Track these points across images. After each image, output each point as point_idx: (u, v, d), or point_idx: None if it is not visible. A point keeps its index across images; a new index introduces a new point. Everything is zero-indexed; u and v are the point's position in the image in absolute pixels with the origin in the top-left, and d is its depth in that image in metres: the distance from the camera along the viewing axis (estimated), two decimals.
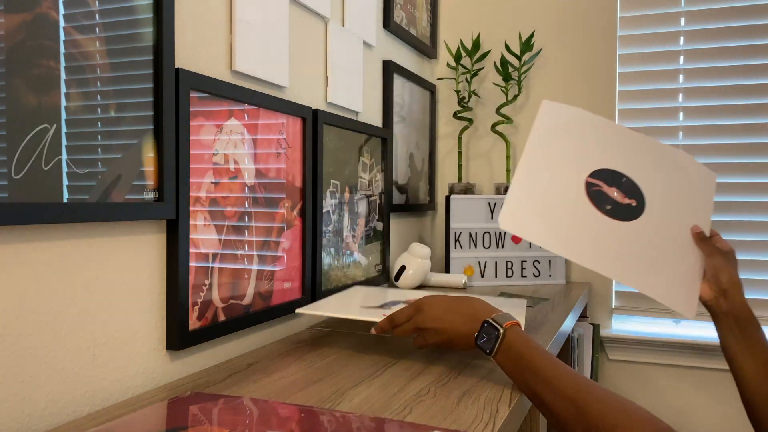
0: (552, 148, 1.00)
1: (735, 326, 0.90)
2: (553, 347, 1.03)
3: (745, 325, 0.90)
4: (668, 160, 1.03)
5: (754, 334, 0.89)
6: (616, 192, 0.98)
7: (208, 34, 0.90)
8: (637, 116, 1.76)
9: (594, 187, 0.98)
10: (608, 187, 0.98)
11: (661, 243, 0.95)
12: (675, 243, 0.96)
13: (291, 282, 1.09)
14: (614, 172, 1.00)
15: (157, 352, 0.82)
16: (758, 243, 1.65)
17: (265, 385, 0.79)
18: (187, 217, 0.84)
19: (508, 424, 0.69)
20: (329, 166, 1.22)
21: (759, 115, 1.65)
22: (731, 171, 1.67)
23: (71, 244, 0.69)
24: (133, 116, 0.76)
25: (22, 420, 0.64)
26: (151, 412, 0.66)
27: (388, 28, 1.55)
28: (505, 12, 1.88)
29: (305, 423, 0.63)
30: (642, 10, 1.75)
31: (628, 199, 0.98)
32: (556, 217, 0.94)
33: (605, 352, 1.77)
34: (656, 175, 1.01)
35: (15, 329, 0.64)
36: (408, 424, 0.64)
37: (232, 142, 0.94)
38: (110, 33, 0.72)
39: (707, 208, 1.01)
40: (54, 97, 0.65)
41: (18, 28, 0.61)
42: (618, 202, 0.97)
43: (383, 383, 0.80)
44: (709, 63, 1.69)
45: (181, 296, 0.83)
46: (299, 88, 1.15)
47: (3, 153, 0.60)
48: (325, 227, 1.21)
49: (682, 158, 1.04)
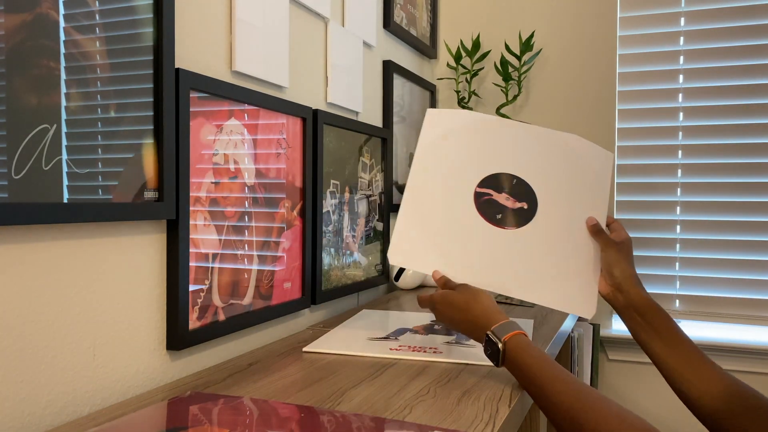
0: (437, 164, 0.98)
1: (637, 317, 0.91)
2: (553, 347, 1.03)
3: (647, 315, 0.90)
4: (559, 149, 1.00)
5: (658, 322, 0.89)
6: (507, 197, 0.97)
7: (208, 34, 0.90)
8: (637, 116, 1.76)
9: (483, 197, 0.97)
10: (498, 194, 0.98)
11: (555, 244, 0.95)
12: (570, 241, 0.95)
13: (291, 282, 1.09)
14: (503, 176, 0.98)
15: (157, 352, 0.82)
16: (757, 243, 1.65)
17: (265, 385, 0.79)
18: (187, 217, 0.84)
19: (508, 424, 0.69)
20: (329, 166, 1.22)
21: (759, 115, 1.65)
22: (731, 171, 1.67)
23: (71, 244, 0.69)
24: (133, 116, 0.76)
25: (22, 420, 0.64)
26: (151, 412, 0.66)
27: (388, 28, 1.55)
28: (505, 12, 1.88)
29: (305, 423, 0.63)
30: (642, 10, 1.75)
31: (519, 202, 0.97)
32: (446, 242, 0.93)
33: (605, 352, 1.77)
34: (547, 169, 0.99)
35: (15, 329, 0.64)
36: (408, 424, 0.64)
37: (232, 142, 0.94)
38: (110, 33, 0.72)
39: (603, 192, 0.97)
40: (54, 97, 0.65)
41: (18, 28, 0.61)
42: (509, 208, 0.97)
43: (383, 383, 0.80)
44: (709, 63, 1.69)
45: (181, 296, 0.83)
46: (299, 88, 1.15)
47: (3, 153, 0.60)
48: (325, 227, 1.21)
49: (574, 142, 1.01)
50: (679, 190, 1.72)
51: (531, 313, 1.25)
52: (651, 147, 1.74)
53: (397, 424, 0.64)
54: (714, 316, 1.68)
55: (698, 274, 1.70)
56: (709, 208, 1.69)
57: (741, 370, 1.64)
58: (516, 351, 0.76)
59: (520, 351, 0.76)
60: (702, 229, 1.70)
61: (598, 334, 1.74)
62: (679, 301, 1.71)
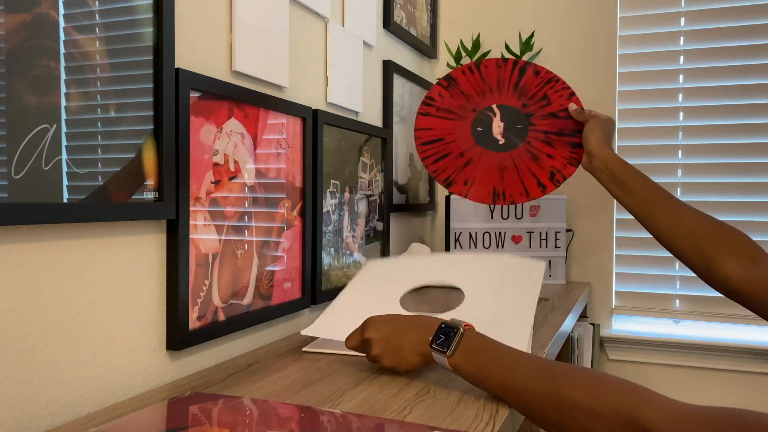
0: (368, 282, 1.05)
1: (609, 174, 1.03)
2: (553, 347, 1.03)
3: (617, 170, 1.02)
4: (490, 260, 1.07)
5: (626, 175, 1.00)
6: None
7: (208, 34, 0.90)
8: (637, 116, 1.76)
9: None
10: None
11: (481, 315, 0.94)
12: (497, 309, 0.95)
13: (291, 282, 1.09)
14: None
15: (157, 352, 0.82)
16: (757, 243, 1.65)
17: (265, 385, 0.79)
18: (187, 217, 0.84)
19: (508, 424, 0.69)
20: (329, 166, 1.22)
21: (759, 115, 1.65)
22: (731, 171, 1.67)
23: (71, 244, 0.69)
24: (133, 116, 0.76)
25: (22, 420, 0.64)
26: (151, 412, 0.66)
27: (388, 28, 1.55)
28: (505, 12, 1.88)
29: (305, 423, 0.63)
30: (642, 10, 1.75)
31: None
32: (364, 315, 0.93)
33: (605, 352, 1.77)
34: (476, 274, 1.04)
35: (15, 329, 0.64)
36: (408, 424, 0.64)
37: (232, 142, 0.94)
38: (110, 33, 0.72)
39: (534, 291, 0.98)
40: (54, 97, 0.65)
41: (18, 28, 0.61)
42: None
43: (383, 383, 0.80)
44: (709, 63, 1.69)
45: (181, 296, 0.83)
46: (299, 88, 1.15)
47: (3, 153, 0.60)
48: (325, 227, 1.21)
49: (507, 258, 1.07)
50: (679, 190, 1.72)
51: None
52: (651, 147, 1.74)
53: (397, 424, 0.64)
54: (714, 316, 1.68)
55: None
56: (709, 208, 1.69)
57: (741, 370, 1.64)
58: (475, 337, 0.73)
59: (480, 337, 0.74)
60: None
61: (598, 334, 1.74)
62: (679, 301, 1.72)
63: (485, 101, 1.22)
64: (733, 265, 0.78)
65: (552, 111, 1.21)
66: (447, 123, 1.22)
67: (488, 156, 1.21)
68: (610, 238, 1.78)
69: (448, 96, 1.23)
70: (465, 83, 1.23)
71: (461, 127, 1.22)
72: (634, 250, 1.76)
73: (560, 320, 1.18)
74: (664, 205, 0.92)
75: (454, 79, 1.23)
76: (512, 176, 1.20)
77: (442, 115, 1.23)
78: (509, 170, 1.20)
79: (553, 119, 1.21)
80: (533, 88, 1.22)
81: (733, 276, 0.77)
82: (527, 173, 1.20)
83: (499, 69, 1.23)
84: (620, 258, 1.78)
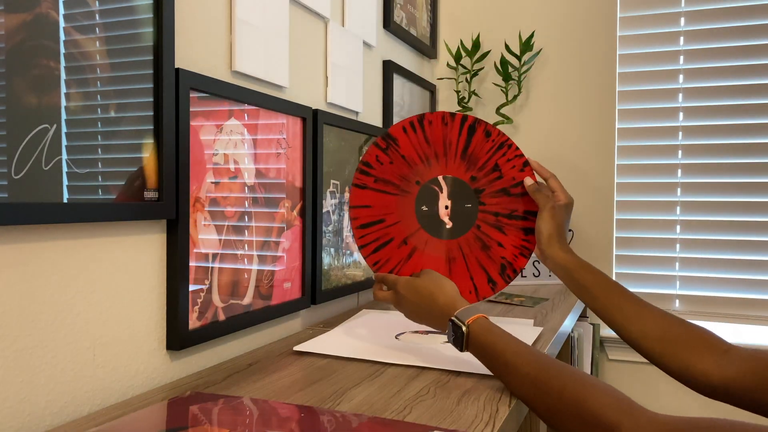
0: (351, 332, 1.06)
1: (567, 276, 0.96)
2: (553, 347, 1.03)
3: (576, 273, 0.94)
4: None
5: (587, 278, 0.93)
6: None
7: (208, 34, 0.90)
8: (636, 116, 1.76)
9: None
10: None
11: None
12: None
13: (291, 282, 1.09)
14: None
15: (157, 352, 0.82)
16: (757, 243, 1.65)
17: (265, 385, 0.79)
18: (187, 217, 0.84)
19: (508, 424, 0.69)
20: (329, 166, 1.22)
21: (758, 115, 1.65)
22: (731, 171, 1.67)
23: (71, 244, 0.69)
24: (133, 116, 0.76)
25: (22, 420, 0.64)
26: (151, 412, 0.66)
27: (388, 28, 1.55)
28: (505, 12, 1.88)
29: (305, 423, 0.63)
30: (642, 10, 1.75)
31: None
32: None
33: (605, 352, 1.77)
34: None
35: (15, 329, 0.64)
36: (408, 424, 0.64)
37: (232, 142, 0.94)
38: (110, 33, 0.72)
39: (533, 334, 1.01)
40: (54, 97, 0.65)
41: (18, 28, 0.61)
42: None
43: (383, 383, 0.80)
44: (709, 63, 1.69)
45: (181, 296, 0.83)
46: (299, 88, 1.15)
47: (3, 153, 0.60)
48: (325, 227, 1.21)
49: None
50: (679, 190, 1.72)
51: (531, 313, 1.25)
52: (651, 147, 1.74)
53: (397, 424, 0.64)
54: (714, 316, 1.68)
55: (698, 273, 1.70)
56: (709, 207, 1.69)
57: None
58: (480, 331, 0.78)
59: (484, 331, 0.77)
60: (702, 229, 1.70)
61: (598, 334, 1.74)
62: (679, 301, 1.72)
63: (430, 171, 1.04)
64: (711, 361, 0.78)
65: (503, 186, 1.06)
66: (387, 199, 1.03)
67: (435, 244, 1.05)
68: (610, 238, 1.78)
69: (388, 162, 1.02)
70: (406, 145, 1.03)
71: (404, 205, 1.04)
72: (634, 250, 1.76)
73: (560, 320, 1.18)
74: (631, 309, 0.88)
75: (394, 139, 1.03)
76: (461, 270, 1.05)
77: (381, 188, 1.02)
78: (457, 262, 1.05)
79: (505, 197, 1.06)
80: (483, 156, 1.05)
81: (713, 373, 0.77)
82: (476, 267, 1.05)
83: (445, 127, 1.04)
84: (620, 258, 1.78)
